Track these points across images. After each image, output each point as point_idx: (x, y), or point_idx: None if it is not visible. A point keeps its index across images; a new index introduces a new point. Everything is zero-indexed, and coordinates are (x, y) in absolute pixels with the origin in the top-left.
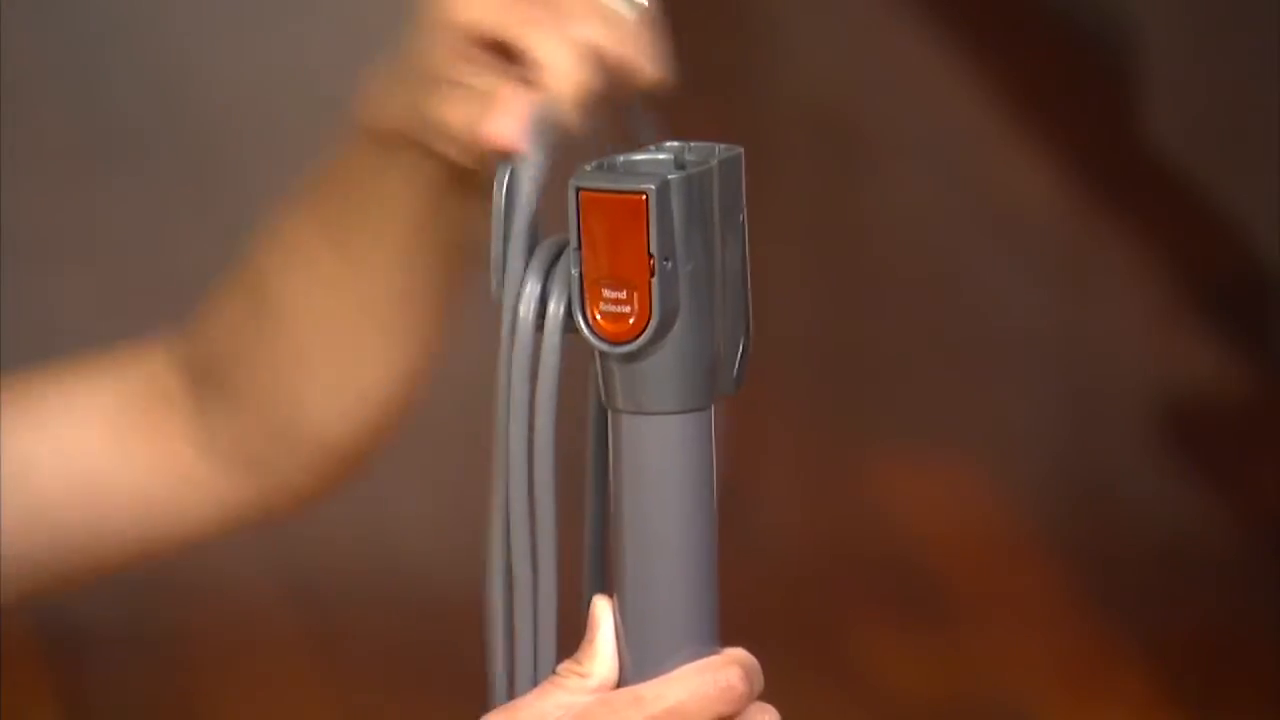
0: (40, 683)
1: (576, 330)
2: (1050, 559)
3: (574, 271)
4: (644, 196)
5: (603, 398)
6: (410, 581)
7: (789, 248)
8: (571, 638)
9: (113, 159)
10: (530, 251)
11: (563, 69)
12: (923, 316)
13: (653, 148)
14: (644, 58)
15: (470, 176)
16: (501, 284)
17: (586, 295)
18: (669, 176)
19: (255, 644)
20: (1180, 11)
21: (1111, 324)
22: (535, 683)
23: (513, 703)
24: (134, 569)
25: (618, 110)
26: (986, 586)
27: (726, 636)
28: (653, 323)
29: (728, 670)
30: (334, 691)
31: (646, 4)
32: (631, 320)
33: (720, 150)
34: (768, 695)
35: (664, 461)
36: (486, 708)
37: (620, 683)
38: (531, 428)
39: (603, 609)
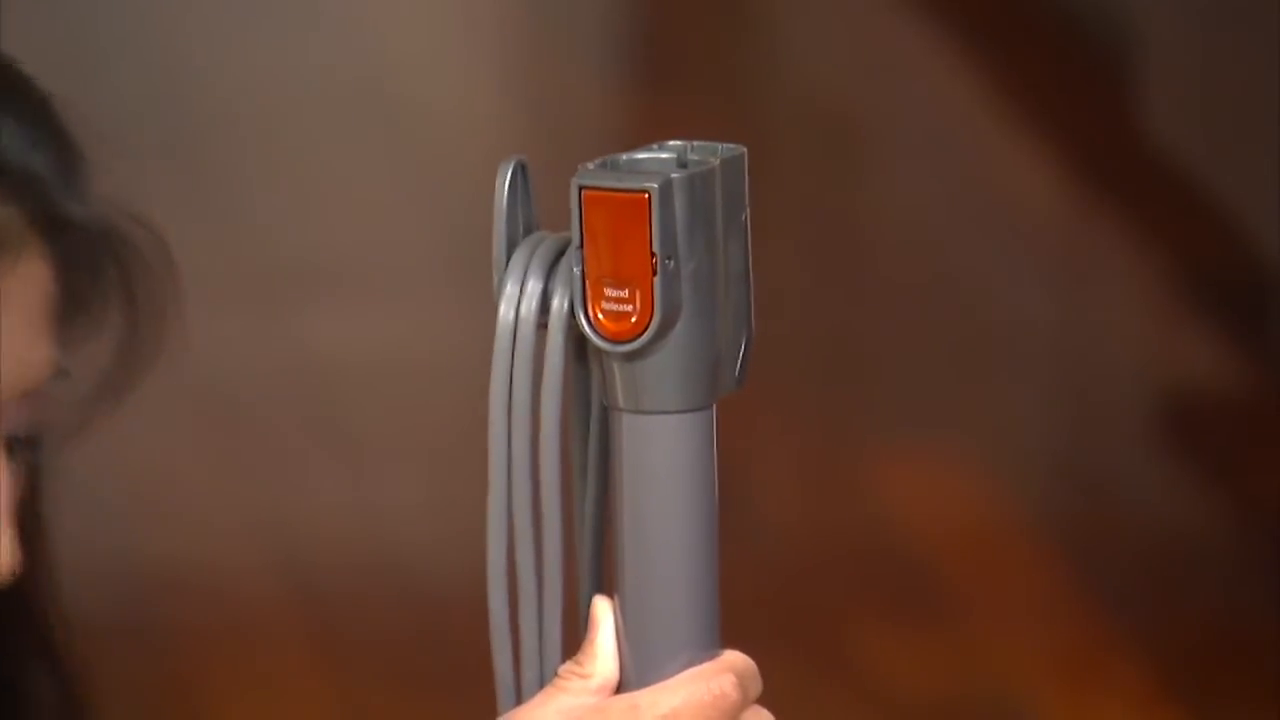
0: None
1: (578, 328)
2: (1048, 555)
3: (576, 270)
4: (647, 195)
5: (603, 397)
6: (410, 578)
7: (787, 245)
8: (572, 637)
9: (113, 158)
10: (531, 249)
11: None
12: (922, 314)
13: (655, 147)
14: None
15: None
16: (503, 282)
17: (589, 293)
18: (672, 175)
19: (255, 641)
20: (1180, 9)
21: (1111, 322)
22: (542, 685)
23: (514, 712)
24: None
25: None
26: (984, 583)
27: (723, 633)
28: (655, 321)
29: (721, 678)
30: (334, 689)
31: None
32: (633, 319)
33: (723, 149)
34: (766, 692)
35: (665, 461)
36: (494, 712)
37: (620, 683)
38: (535, 427)
39: (603, 609)
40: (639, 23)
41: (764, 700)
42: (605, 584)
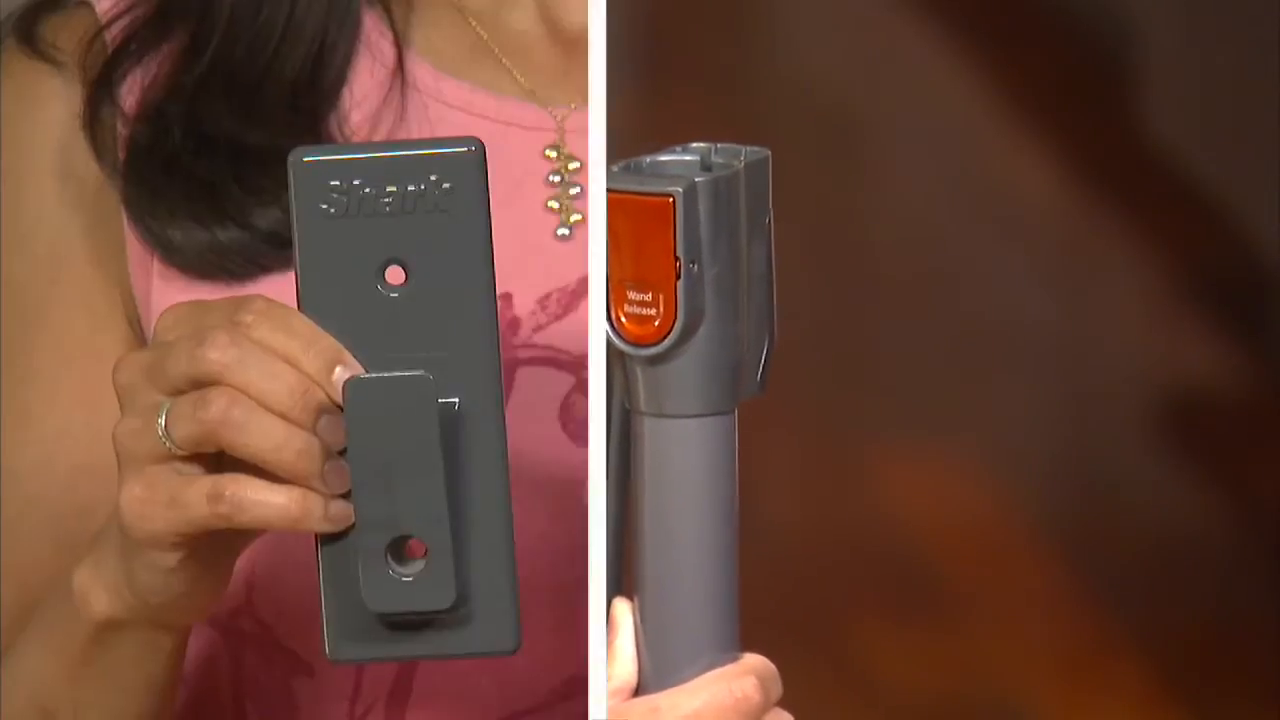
0: None
1: None
2: (1050, 555)
3: None
4: (671, 199)
5: (625, 399)
6: None
7: (788, 244)
8: None
9: None
10: None
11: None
12: (923, 313)
13: (679, 149)
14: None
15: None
16: None
17: (612, 296)
18: (696, 179)
19: None
20: (1180, 9)
21: (1113, 321)
22: None
23: None
24: None
25: None
26: (986, 583)
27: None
28: (677, 325)
29: (743, 680)
30: None
31: None
32: (656, 323)
33: (747, 152)
34: None
35: (686, 465)
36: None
37: (638, 685)
38: None
39: (622, 612)
40: (639, 21)
41: (782, 709)
42: (625, 587)
